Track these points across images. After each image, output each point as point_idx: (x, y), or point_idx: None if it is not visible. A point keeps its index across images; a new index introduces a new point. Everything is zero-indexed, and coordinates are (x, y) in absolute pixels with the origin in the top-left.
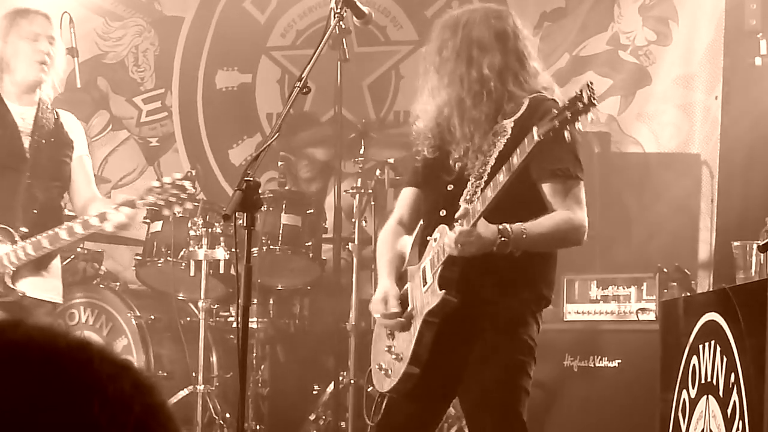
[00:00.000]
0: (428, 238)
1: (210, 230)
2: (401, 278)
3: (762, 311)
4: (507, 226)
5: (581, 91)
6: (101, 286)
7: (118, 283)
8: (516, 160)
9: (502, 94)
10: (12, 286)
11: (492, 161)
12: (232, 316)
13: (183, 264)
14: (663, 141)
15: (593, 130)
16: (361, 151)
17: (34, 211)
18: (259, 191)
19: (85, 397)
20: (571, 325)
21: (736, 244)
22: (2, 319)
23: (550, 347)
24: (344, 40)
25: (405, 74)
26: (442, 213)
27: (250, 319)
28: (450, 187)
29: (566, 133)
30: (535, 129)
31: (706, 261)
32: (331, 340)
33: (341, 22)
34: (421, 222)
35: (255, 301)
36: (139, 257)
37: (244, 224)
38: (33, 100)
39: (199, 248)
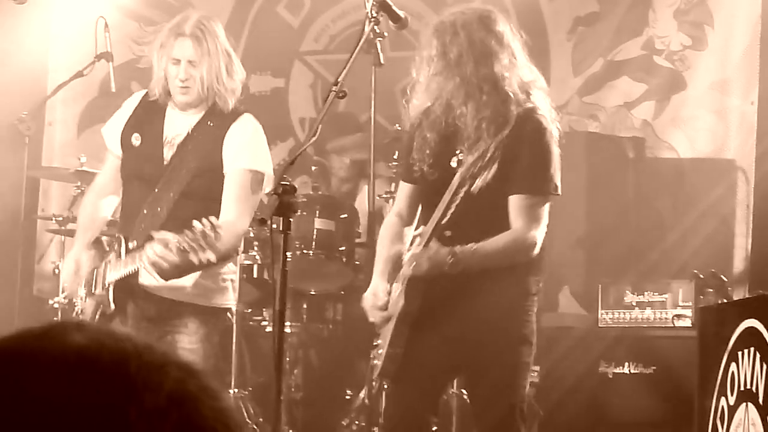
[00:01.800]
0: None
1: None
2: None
3: None
4: (458, 247)
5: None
6: None
7: None
8: (466, 189)
9: (505, 97)
10: None
11: (458, 180)
12: (265, 321)
13: None
14: (698, 146)
15: (628, 135)
16: (395, 156)
17: None
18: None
19: (121, 405)
20: (606, 331)
21: None
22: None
23: (584, 353)
24: (378, 44)
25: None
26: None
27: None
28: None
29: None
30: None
31: (741, 267)
32: (364, 344)
33: (376, 27)
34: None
35: (288, 305)
36: None
37: (280, 229)
38: None
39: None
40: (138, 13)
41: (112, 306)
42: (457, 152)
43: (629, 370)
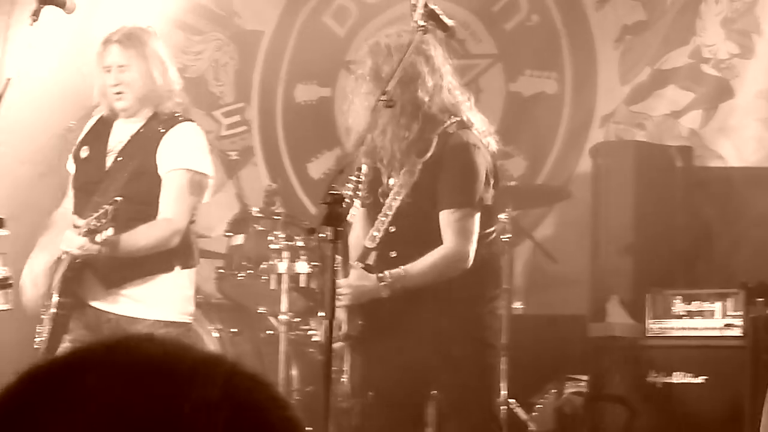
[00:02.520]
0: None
1: (291, 244)
2: None
3: None
4: (386, 272)
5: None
6: None
7: (199, 296)
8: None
9: (428, 120)
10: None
11: (391, 203)
12: (312, 330)
13: (264, 277)
14: (746, 155)
15: (675, 144)
16: None
17: None
18: (344, 204)
19: (176, 407)
20: (655, 341)
21: None
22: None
23: (633, 363)
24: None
25: (484, 87)
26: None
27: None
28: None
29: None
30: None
31: None
32: None
33: (424, 35)
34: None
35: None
36: (220, 270)
37: (329, 238)
38: None
39: (280, 262)
40: (185, 23)
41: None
42: (387, 175)
43: (678, 381)
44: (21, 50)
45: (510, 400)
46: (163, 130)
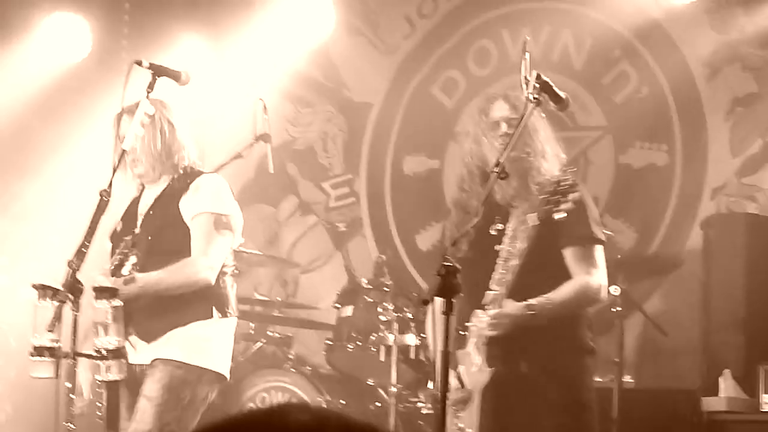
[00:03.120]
0: (467, 324)
1: (400, 315)
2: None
3: None
4: (532, 301)
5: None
6: (292, 370)
7: (308, 367)
8: (519, 245)
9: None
10: None
11: (515, 244)
12: (421, 402)
13: (373, 349)
14: None
15: None
16: None
17: None
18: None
19: None
20: None
21: None
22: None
23: None
24: None
25: (593, 160)
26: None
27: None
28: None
29: (557, 215)
30: (530, 215)
31: None
32: None
33: (536, 108)
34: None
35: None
36: (329, 342)
37: (443, 310)
38: None
39: (389, 333)
40: (295, 95)
41: None
42: (496, 221)
43: None
44: (136, 123)
45: None
46: (185, 183)
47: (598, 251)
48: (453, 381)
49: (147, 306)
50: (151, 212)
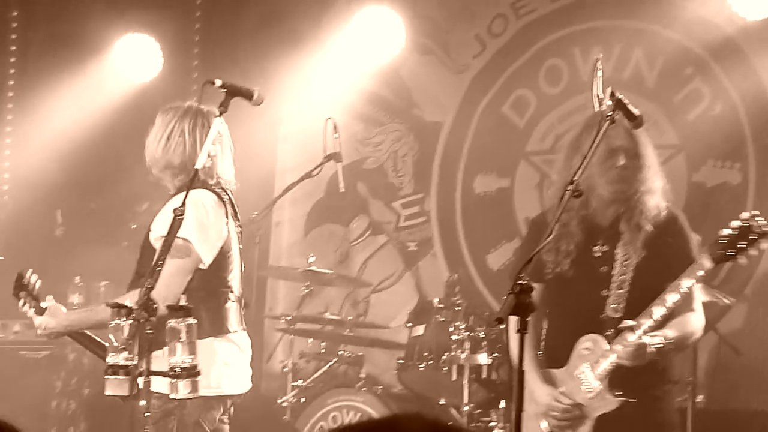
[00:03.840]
0: (579, 347)
1: (472, 334)
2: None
3: None
4: (658, 338)
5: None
6: (363, 389)
7: (379, 387)
8: (686, 282)
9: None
10: None
11: (627, 273)
12: (493, 422)
13: (445, 368)
14: None
15: None
16: None
17: None
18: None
19: None
20: None
21: None
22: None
23: None
24: None
25: (666, 177)
26: (599, 316)
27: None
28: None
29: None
30: (706, 258)
31: None
32: None
33: (611, 125)
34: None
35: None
36: (401, 361)
37: (518, 328)
38: None
39: (461, 353)
40: (365, 115)
41: None
42: (599, 243)
43: None
44: (209, 142)
45: None
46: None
47: (698, 286)
48: (564, 399)
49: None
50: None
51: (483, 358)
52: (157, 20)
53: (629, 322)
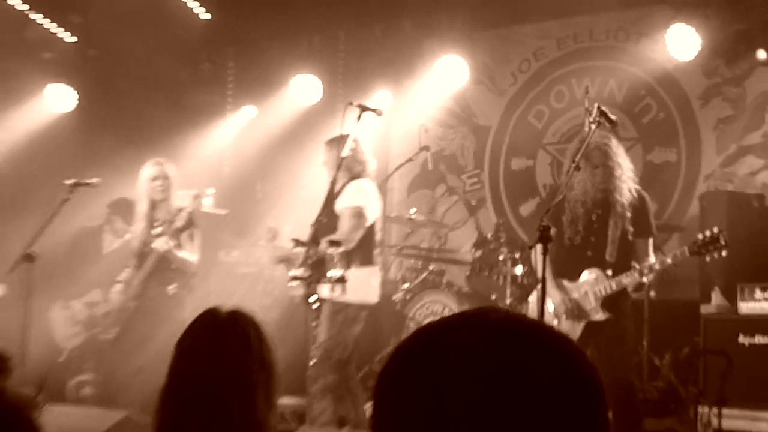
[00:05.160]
0: (588, 275)
1: (512, 256)
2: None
3: None
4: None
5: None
6: (445, 290)
7: (455, 288)
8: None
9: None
10: None
11: (616, 232)
12: (524, 311)
13: (495, 277)
14: None
15: (753, 192)
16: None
17: None
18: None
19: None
20: (744, 317)
21: None
22: (488, 306)
23: (727, 330)
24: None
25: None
26: (589, 254)
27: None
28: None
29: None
30: (686, 249)
31: None
32: None
33: (596, 127)
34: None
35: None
36: (468, 272)
37: (541, 252)
38: None
39: (504, 267)
40: (443, 121)
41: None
42: (597, 211)
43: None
44: (348, 144)
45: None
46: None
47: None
48: (558, 299)
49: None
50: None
51: (518, 270)
52: (316, 62)
53: (636, 266)
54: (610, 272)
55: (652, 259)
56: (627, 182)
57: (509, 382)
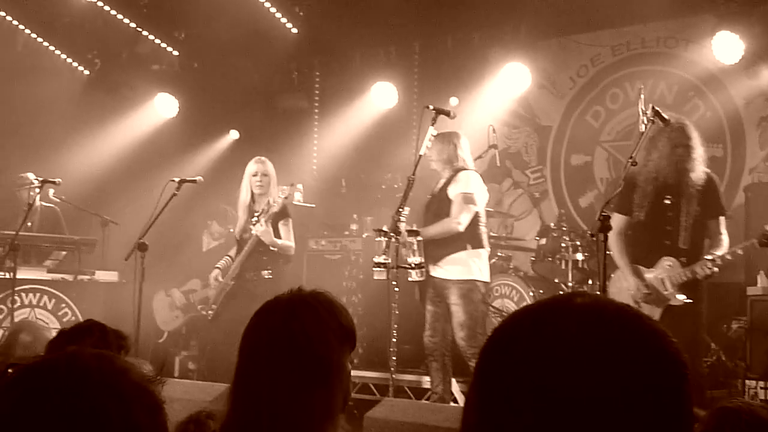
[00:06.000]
0: (664, 262)
1: (573, 243)
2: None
3: None
4: (714, 258)
5: None
6: (512, 274)
7: (521, 272)
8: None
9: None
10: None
11: (689, 218)
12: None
13: (558, 262)
14: None
15: None
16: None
17: None
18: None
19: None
20: None
21: None
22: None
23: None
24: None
25: None
26: (667, 242)
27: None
28: (668, 228)
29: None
30: (756, 241)
31: None
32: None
33: (651, 125)
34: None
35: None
36: (533, 258)
37: (602, 239)
38: None
39: (567, 253)
40: (508, 122)
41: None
42: (667, 196)
43: None
44: (426, 141)
45: None
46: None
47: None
48: (635, 286)
49: (431, 242)
50: (436, 191)
51: (579, 256)
52: (393, 70)
53: (708, 257)
54: (684, 259)
55: (725, 240)
56: (702, 165)
57: (603, 359)
